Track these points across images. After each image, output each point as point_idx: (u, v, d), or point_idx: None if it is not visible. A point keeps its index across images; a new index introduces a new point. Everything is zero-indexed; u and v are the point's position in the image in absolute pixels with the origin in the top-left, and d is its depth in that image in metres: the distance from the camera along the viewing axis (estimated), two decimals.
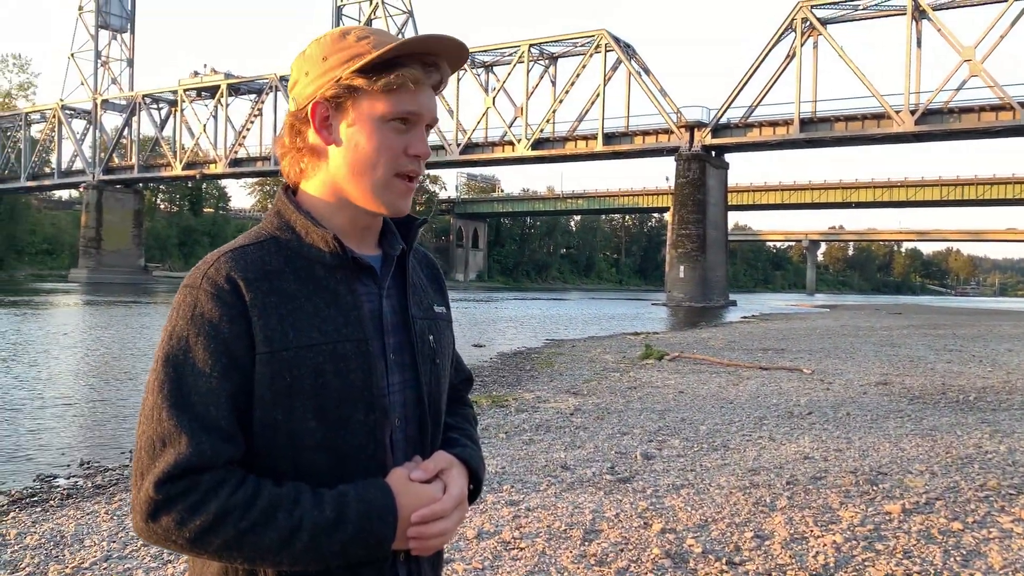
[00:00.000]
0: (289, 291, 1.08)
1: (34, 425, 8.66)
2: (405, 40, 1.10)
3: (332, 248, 1.12)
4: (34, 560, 4.08)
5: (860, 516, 4.78)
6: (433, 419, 1.19)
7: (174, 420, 1.01)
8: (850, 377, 12.18)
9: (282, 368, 1.05)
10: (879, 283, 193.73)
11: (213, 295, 1.05)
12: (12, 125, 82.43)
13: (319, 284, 1.11)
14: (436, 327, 1.25)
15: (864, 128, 47.90)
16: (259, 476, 1.05)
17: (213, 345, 1.03)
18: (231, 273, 1.06)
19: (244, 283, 1.06)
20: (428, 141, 1.16)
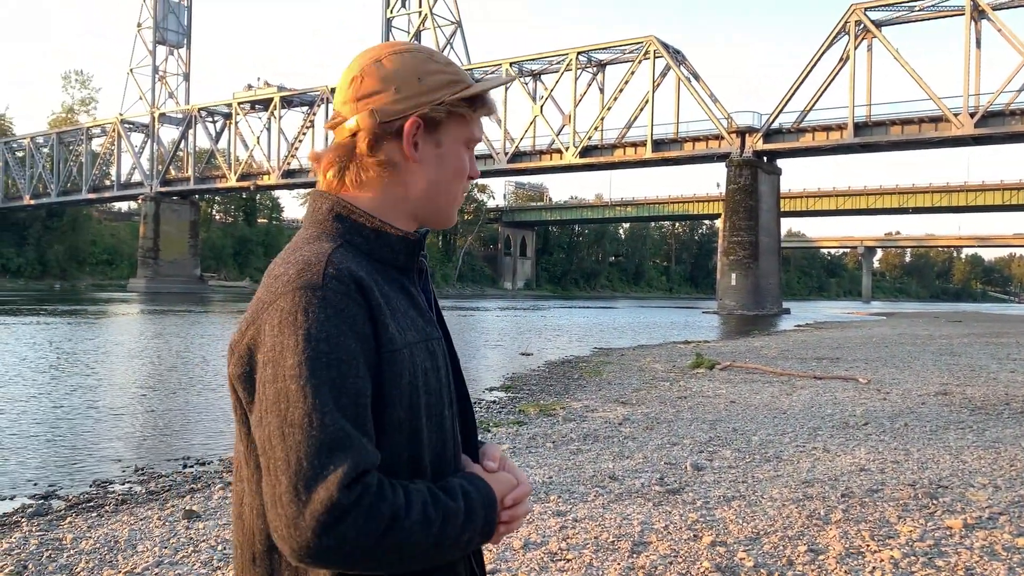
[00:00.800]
0: (385, 291, 1.09)
1: (91, 431, 8.86)
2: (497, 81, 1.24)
3: (408, 252, 1.16)
4: (88, 565, 4.15)
5: (919, 531, 4.62)
6: (465, 406, 1.24)
7: (336, 425, 0.97)
8: (908, 387, 11.86)
9: (403, 366, 1.06)
10: (938, 290, 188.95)
11: (344, 294, 1.02)
12: (74, 139, 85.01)
13: (399, 285, 1.14)
14: (442, 320, 1.29)
15: (921, 131, 46.82)
16: None
17: (355, 344, 1.01)
18: (352, 272, 1.05)
19: (364, 282, 1.05)
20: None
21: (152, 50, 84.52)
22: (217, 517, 5.10)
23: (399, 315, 1.09)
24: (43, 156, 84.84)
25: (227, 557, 4.25)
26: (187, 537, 4.64)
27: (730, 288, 51.92)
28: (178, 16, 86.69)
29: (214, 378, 13.69)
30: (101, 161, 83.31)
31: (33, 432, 8.70)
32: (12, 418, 9.49)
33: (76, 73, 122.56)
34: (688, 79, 53.88)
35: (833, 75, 48.90)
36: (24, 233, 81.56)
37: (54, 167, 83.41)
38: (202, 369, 14.96)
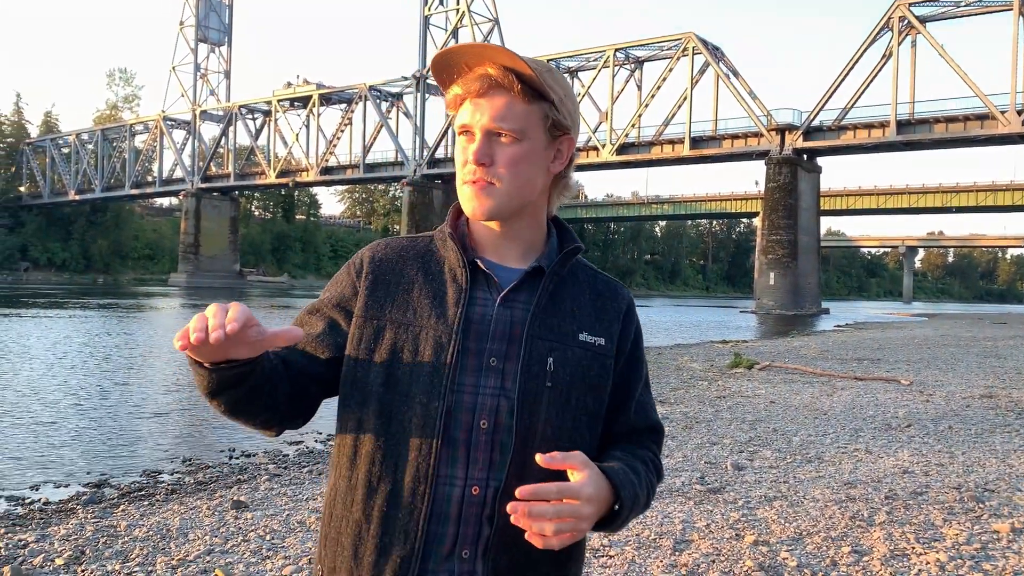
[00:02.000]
0: (407, 277, 1.26)
1: (138, 423, 9.07)
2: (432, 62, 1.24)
3: (455, 251, 1.25)
4: (143, 551, 4.27)
5: (965, 534, 4.58)
6: (521, 434, 1.18)
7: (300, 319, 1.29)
8: (952, 389, 11.69)
9: (369, 332, 1.23)
10: (981, 291, 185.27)
11: (348, 268, 1.31)
12: (118, 136, 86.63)
13: (436, 280, 1.25)
14: (567, 353, 1.23)
15: (966, 129, 45.93)
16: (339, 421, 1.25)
17: (336, 293, 1.28)
18: (364, 253, 1.31)
19: (370, 262, 1.28)
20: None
21: (194, 48, 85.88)
22: (264, 507, 5.21)
23: (407, 298, 1.24)
24: (88, 153, 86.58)
25: (275, 547, 4.35)
26: (236, 527, 4.75)
27: (768, 287, 51.40)
28: (219, 14, 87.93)
29: None
30: (144, 157, 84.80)
31: (83, 423, 8.93)
32: (62, 409, 9.74)
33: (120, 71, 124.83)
34: (727, 75, 53.40)
35: (876, 72, 48.17)
36: (69, 228, 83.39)
37: (98, 163, 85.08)
38: None
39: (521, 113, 1.21)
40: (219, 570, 3.95)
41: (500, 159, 1.20)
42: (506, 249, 1.27)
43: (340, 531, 1.21)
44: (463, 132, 1.23)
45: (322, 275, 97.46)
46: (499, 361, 1.20)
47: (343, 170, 73.02)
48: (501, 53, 1.19)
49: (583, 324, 1.26)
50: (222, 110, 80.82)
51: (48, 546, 4.38)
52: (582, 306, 1.28)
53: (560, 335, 1.23)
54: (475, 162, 1.20)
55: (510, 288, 1.23)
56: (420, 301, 1.23)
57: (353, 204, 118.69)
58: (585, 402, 1.24)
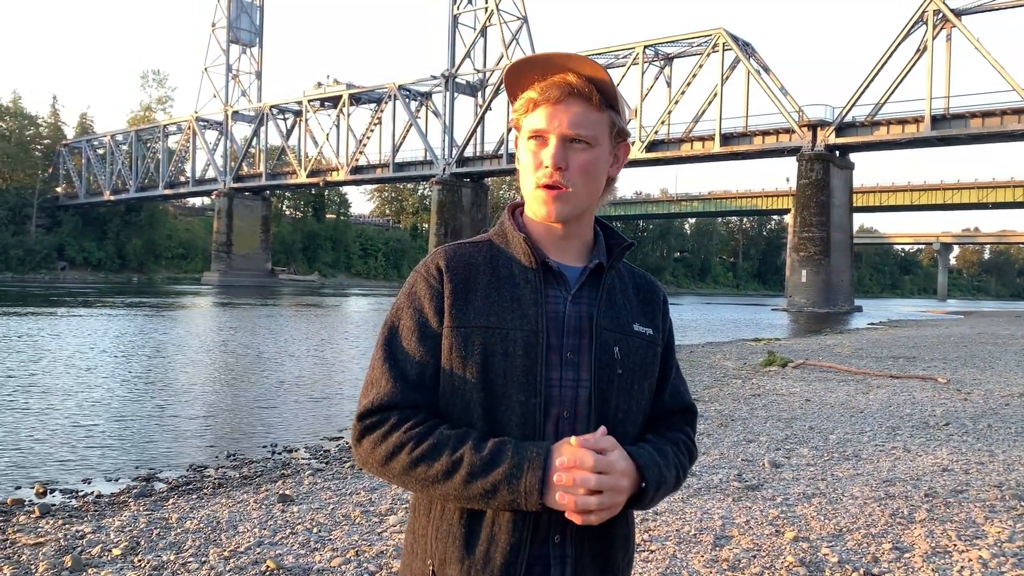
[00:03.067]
0: (483, 282, 1.29)
1: (181, 418, 9.26)
2: (504, 74, 1.30)
3: (527, 253, 1.30)
4: (195, 543, 4.40)
5: (1008, 532, 4.58)
6: (599, 420, 1.26)
7: (382, 368, 1.27)
8: (990, 387, 11.57)
9: (460, 341, 1.25)
10: (1019, 289, 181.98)
11: (424, 278, 1.30)
12: (151, 136, 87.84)
13: (510, 281, 1.29)
14: (628, 343, 1.32)
15: (1003, 124, 45.17)
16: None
17: (417, 315, 1.29)
18: (439, 262, 1.30)
19: (447, 271, 1.29)
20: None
21: (226, 49, 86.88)
22: (310, 501, 5.33)
23: (487, 303, 1.27)
24: (122, 153, 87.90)
25: (323, 539, 4.46)
26: (283, 520, 4.86)
27: (800, 285, 50.95)
28: (251, 16, 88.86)
29: (291, 368, 14.10)
30: (177, 158, 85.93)
31: (128, 418, 9.13)
32: (107, 405, 9.97)
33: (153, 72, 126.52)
34: (758, 72, 52.98)
35: (910, 66, 47.51)
36: (104, 228, 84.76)
37: (132, 164, 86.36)
38: (279, 360, 15.41)
39: (595, 121, 1.28)
40: (270, 561, 4.06)
41: (574, 165, 1.27)
42: (566, 248, 1.33)
43: (451, 523, 1.26)
44: (535, 137, 1.28)
45: (352, 273, 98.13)
46: (575, 355, 1.27)
47: (373, 169, 73.46)
48: (584, 63, 1.26)
49: (634, 316, 1.35)
50: (253, 110, 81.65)
51: (104, 537, 4.53)
52: (630, 299, 1.37)
53: (620, 326, 1.32)
54: (554, 167, 1.26)
55: (578, 287, 1.31)
56: (501, 304, 1.27)
57: (382, 203, 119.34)
58: (643, 388, 1.34)
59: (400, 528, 4.66)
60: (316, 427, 8.89)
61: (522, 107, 1.29)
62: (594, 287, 1.32)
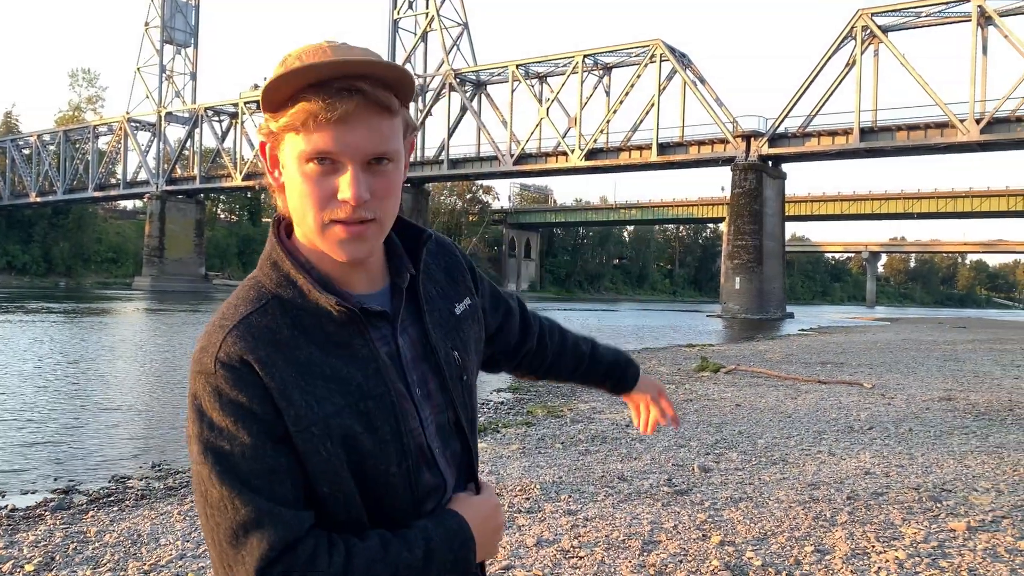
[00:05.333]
0: (303, 359, 1.01)
1: (107, 428, 8.99)
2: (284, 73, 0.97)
3: (339, 309, 1.04)
4: (114, 557, 4.27)
5: (923, 533, 4.73)
6: (471, 433, 1.20)
7: (250, 505, 0.96)
8: (912, 392, 11.95)
9: (315, 443, 0.99)
10: (942, 296, 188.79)
11: (232, 380, 0.98)
12: (81, 137, 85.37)
13: (332, 342, 1.04)
14: (460, 336, 1.20)
15: (927, 137, 46.89)
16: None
17: (254, 427, 0.98)
18: (243, 356, 0.99)
19: (258, 364, 0.99)
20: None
21: (159, 49, 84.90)
22: None
23: (320, 382, 1.01)
24: (50, 154, 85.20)
25: None
26: None
27: (734, 292, 51.99)
28: (186, 16, 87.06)
29: None
30: (107, 159, 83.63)
31: (49, 428, 8.83)
32: (26, 415, 9.62)
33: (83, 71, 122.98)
34: (694, 83, 53.98)
35: (839, 80, 48.99)
36: (30, 231, 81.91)
37: (60, 165, 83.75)
38: None
39: (395, 131, 1.02)
40: (192, 574, 3.96)
41: (378, 191, 1.01)
42: (367, 274, 1.11)
43: None
44: (315, 159, 0.99)
45: None
46: (423, 387, 1.13)
47: None
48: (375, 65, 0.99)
49: (451, 298, 1.22)
50: (188, 112, 79.98)
51: (17, 552, 4.36)
52: (441, 283, 1.22)
53: (447, 325, 1.18)
54: (356, 202, 0.99)
55: (399, 315, 1.12)
56: (338, 376, 1.03)
57: None
58: (475, 364, 1.27)
59: None
60: None
61: (294, 119, 0.98)
62: (412, 300, 1.14)
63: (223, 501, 0.96)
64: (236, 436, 0.97)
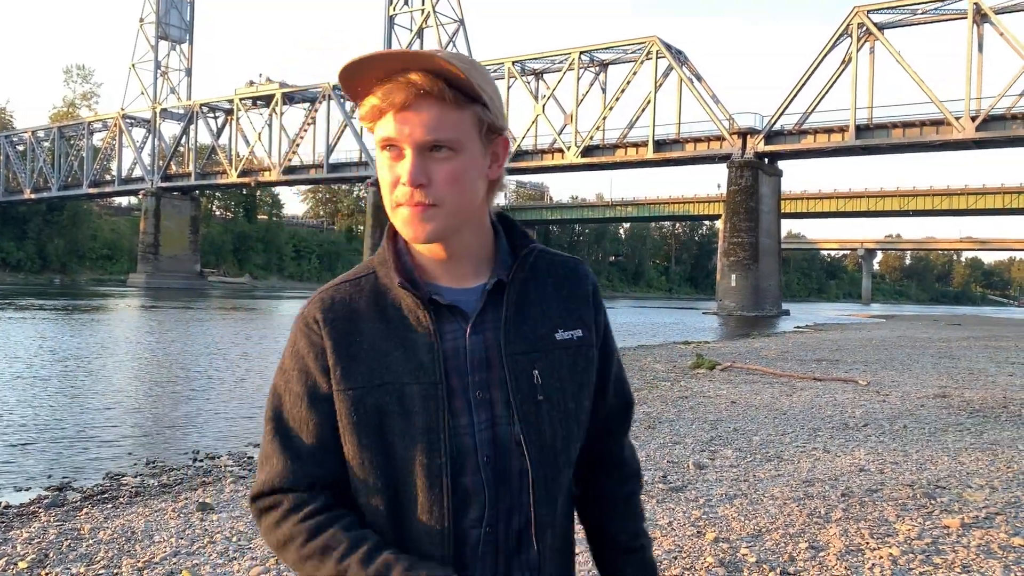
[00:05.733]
0: (368, 330, 1.12)
1: (101, 425, 8.97)
2: (340, 71, 1.06)
3: (410, 296, 1.12)
4: (108, 554, 4.26)
5: (917, 529, 4.73)
6: (534, 457, 1.14)
7: (273, 443, 1.13)
8: (907, 389, 11.97)
9: (351, 405, 1.10)
10: (937, 293, 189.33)
11: (305, 333, 1.14)
12: (76, 134, 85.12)
13: (399, 324, 1.12)
14: (551, 359, 1.17)
15: (923, 135, 46.96)
16: (350, 501, 1.14)
17: (303, 378, 1.13)
18: (317, 314, 1.14)
19: (326, 323, 1.13)
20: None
21: (154, 45, 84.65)
22: (230, 510, 5.21)
23: (375, 355, 1.11)
24: (44, 150, 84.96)
25: (242, 548, 4.36)
26: (202, 528, 4.74)
27: (730, 289, 52.05)
28: (180, 11, 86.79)
29: (217, 372, 13.80)
30: (102, 156, 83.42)
31: (43, 425, 8.81)
32: (20, 412, 9.59)
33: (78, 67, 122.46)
34: (690, 80, 54.00)
35: (835, 77, 49.04)
36: (24, 227, 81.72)
37: (55, 161, 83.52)
38: (205, 364, 15.07)
39: (454, 122, 1.08)
40: (186, 571, 3.95)
41: (438, 177, 1.08)
42: (457, 268, 1.16)
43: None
44: (388, 146, 1.09)
45: (285, 275, 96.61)
46: (484, 392, 1.13)
47: (306, 170, 72.48)
48: (424, 58, 1.06)
49: (556, 321, 1.19)
50: (183, 108, 79.78)
51: (10, 549, 4.35)
52: (549, 302, 1.20)
53: (538, 343, 1.16)
54: (411, 184, 1.07)
55: (477, 314, 1.15)
56: (391, 355, 1.11)
57: (316, 204, 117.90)
58: (580, 400, 1.19)
59: None
60: (241, 433, 8.71)
61: (368, 115, 1.09)
62: (499, 306, 1.15)
63: (265, 433, 1.16)
64: (290, 381, 1.14)
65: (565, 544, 1.23)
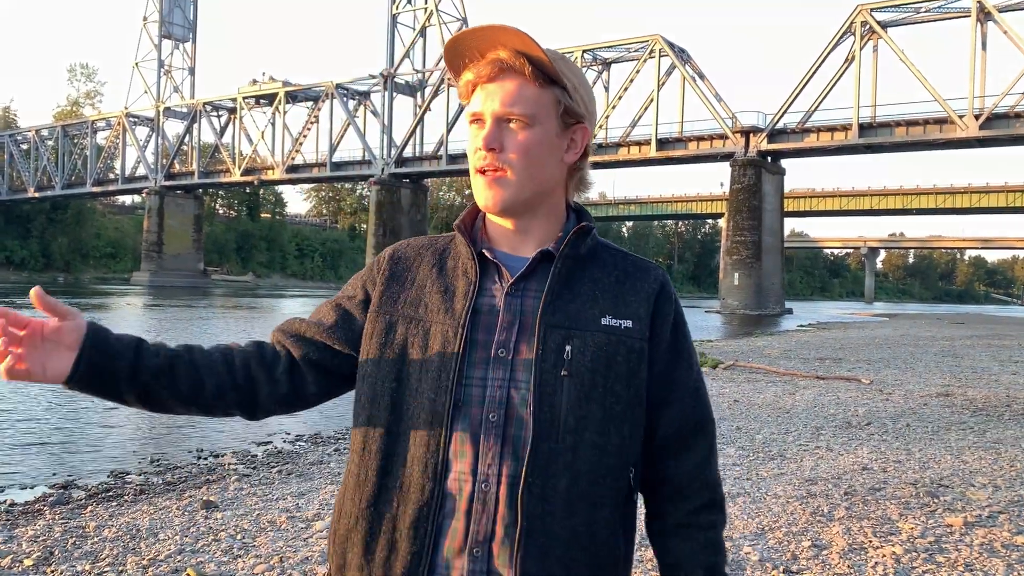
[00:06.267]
0: (421, 273, 1.26)
1: (105, 423, 9.00)
2: (446, 47, 1.21)
3: (465, 244, 1.25)
4: (113, 551, 4.28)
5: (920, 528, 4.74)
6: (541, 426, 1.14)
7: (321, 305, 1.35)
8: (910, 388, 11.97)
9: (383, 327, 1.23)
10: (941, 292, 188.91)
11: (371, 264, 1.33)
12: (79, 132, 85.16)
13: (449, 275, 1.24)
14: (588, 339, 1.18)
15: (926, 133, 46.84)
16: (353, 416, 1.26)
17: (359, 285, 1.31)
18: (386, 253, 1.32)
19: (388, 260, 1.30)
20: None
21: (158, 44, 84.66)
22: (235, 507, 5.23)
23: (420, 294, 1.24)
24: (48, 149, 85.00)
25: (247, 546, 4.38)
26: (206, 526, 4.76)
27: (733, 287, 51.99)
28: (184, 10, 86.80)
29: None
30: (106, 154, 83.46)
31: (46, 423, 8.84)
32: (24, 409, 9.62)
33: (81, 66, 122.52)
34: (693, 78, 53.92)
35: (838, 76, 48.93)
36: (28, 226, 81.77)
37: (59, 160, 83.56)
38: None
39: (532, 97, 1.17)
40: (191, 569, 3.97)
41: (510, 145, 1.17)
42: (520, 243, 1.24)
43: (350, 528, 1.20)
44: (474, 120, 1.20)
45: (287, 274, 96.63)
46: (507, 352, 1.17)
47: (309, 168, 72.48)
48: (513, 35, 1.16)
49: (605, 307, 1.21)
50: (186, 107, 79.79)
51: (16, 547, 4.37)
52: (604, 288, 1.22)
53: (579, 321, 1.18)
54: (485, 147, 1.17)
55: (519, 276, 1.20)
56: (431, 296, 1.22)
57: (320, 203, 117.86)
58: (614, 390, 1.18)
59: (326, 533, 4.60)
60: (244, 432, 8.72)
61: (464, 91, 1.22)
62: (545, 278, 1.20)
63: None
64: (346, 286, 1.34)
65: (580, 543, 1.16)
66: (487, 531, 1.14)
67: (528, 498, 1.13)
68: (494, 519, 1.13)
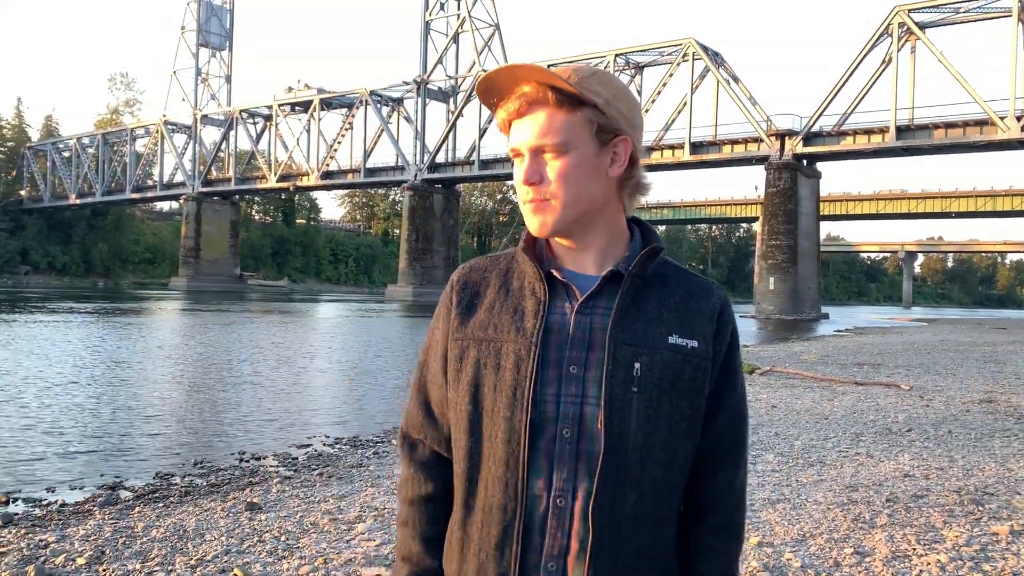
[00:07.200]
0: (490, 294, 1.28)
1: (149, 426, 9.17)
2: (476, 89, 1.25)
3: (531, 264, 1.26)
4: (161, 551, 4.37)
5: (965, 536, 4.68)
6: (611, 441, 1.16)
7: (413, 393, 1.36)
8: (951, 394, 11.79)
9: (457, 353, 1.25)
10: (981, 296, 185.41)
11: (445, 294, 1.33)
12: (119, 140, 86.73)
13: (516, 295, 1.26)
14: (657, 357, 1.20)
15: (966, 135, 46.06)
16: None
17: (441, 325, 1.31)
18: (453, 278, 1.34)
19: (458, 284, 1.31)
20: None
21: (195, 53, 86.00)
22: (278, 509, 5.31)
23: (490, 315, 1.25)
24: (89, 157, 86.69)
25: (291, 547, 4.45)
26: (251, 528, 4.85)
27: (768, 292, 51.50)
28: (220, 19, 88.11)
29: (258, 375, 14.00)
30: (144, 161, 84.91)
31: (93, 426, 9.02)
32: (72, 412, 9.83)
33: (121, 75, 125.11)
34: (727, 81, 53.56)
35: (875, 77, 48.31)
36: (69, 232, 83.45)
37: (99, 167, 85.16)
38: (247, 367, 15.29)
39: (562, 124, 1.19)
40: (238, 569, 4.05)
41: (549, 175, 1.20)
42: (583, 259, 1.26)
43: (450, 547, 1.26)
44: (515, 156, 1.23)
45: (322, 279, 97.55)
46: (579, 369, 1.19)
47: (344, 175, 73.15)
48: (532, 70, 1.19)
49: (672, 327, 1.22)
50: (223, 114, 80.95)
51: (69, 546, 4.48)
52: (671, 308, 1.24)
53: (646, 339, 1.20)
54: (526, 183, 1.21)
55: (588, 295, 1.22)
56: (501, 316, 1.24)
57: (353, 208, 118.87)
58: (680, 407, 1.20)
59: (368, 536, 4.67)
60: (285, 435, 8.84)
61: (502, 127, 1.25)
62: (613, 296, 1.22)
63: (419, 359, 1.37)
64: (430, 339, 1.34)
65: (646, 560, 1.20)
66: (562, 546, 1.16)
67: (599, 513, 1.15)
68: (568, 534, 1.16)
